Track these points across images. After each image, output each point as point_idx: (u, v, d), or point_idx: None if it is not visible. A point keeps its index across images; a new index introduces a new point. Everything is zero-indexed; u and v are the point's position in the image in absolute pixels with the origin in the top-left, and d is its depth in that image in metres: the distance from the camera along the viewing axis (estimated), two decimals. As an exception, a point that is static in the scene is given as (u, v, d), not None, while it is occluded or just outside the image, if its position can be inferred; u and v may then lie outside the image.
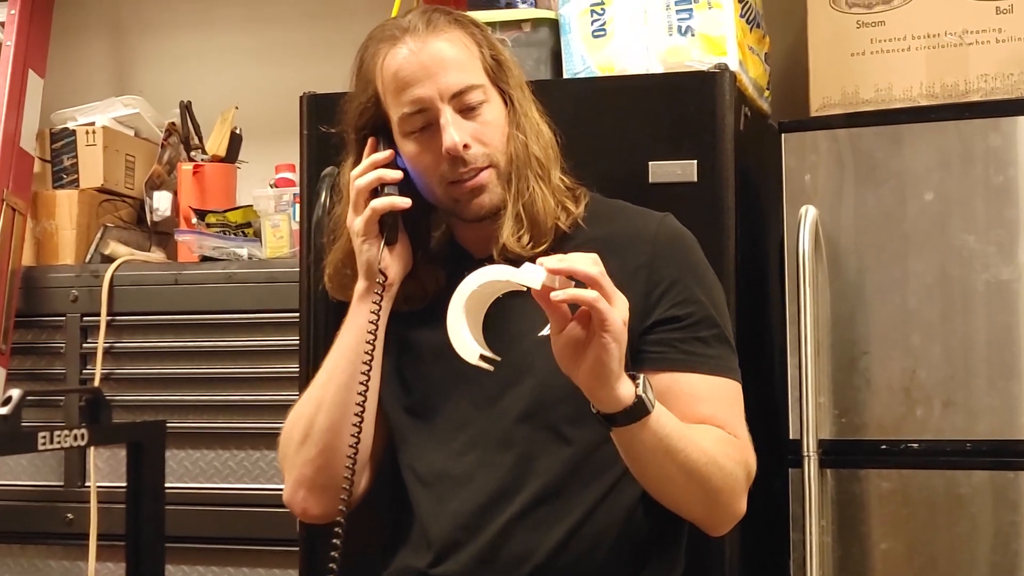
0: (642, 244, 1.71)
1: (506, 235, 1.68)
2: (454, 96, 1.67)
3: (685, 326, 1.67)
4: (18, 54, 3.14)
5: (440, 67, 1.67)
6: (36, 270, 3.08)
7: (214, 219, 3.01)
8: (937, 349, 2.23)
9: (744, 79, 2.33)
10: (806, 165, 2.32)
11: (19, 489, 2.99)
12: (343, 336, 1.74)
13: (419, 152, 1.70)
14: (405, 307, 1.75)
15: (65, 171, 3.22)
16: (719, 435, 1.64)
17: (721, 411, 1.66)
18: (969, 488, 2.20)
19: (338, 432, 1.69)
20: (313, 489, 1.73)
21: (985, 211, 2.22)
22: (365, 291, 1.72)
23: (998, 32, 2.41)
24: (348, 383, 1.70)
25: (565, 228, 1.72)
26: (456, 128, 1.66)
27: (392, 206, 1.69)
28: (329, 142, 2.31)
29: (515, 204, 1.69)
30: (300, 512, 1.76)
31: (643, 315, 1.66)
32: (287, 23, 3.45)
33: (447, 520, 1.67)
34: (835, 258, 2.29)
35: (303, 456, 1.73)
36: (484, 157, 1.68)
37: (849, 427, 2.27)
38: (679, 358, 1.66)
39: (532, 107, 1.76)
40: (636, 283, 1.67)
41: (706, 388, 1.66)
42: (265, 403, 2.82)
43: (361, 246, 1.71)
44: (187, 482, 2.87)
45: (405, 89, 1.68)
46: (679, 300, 1.68)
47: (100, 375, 2.92)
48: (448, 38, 1.69)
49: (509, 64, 1.75)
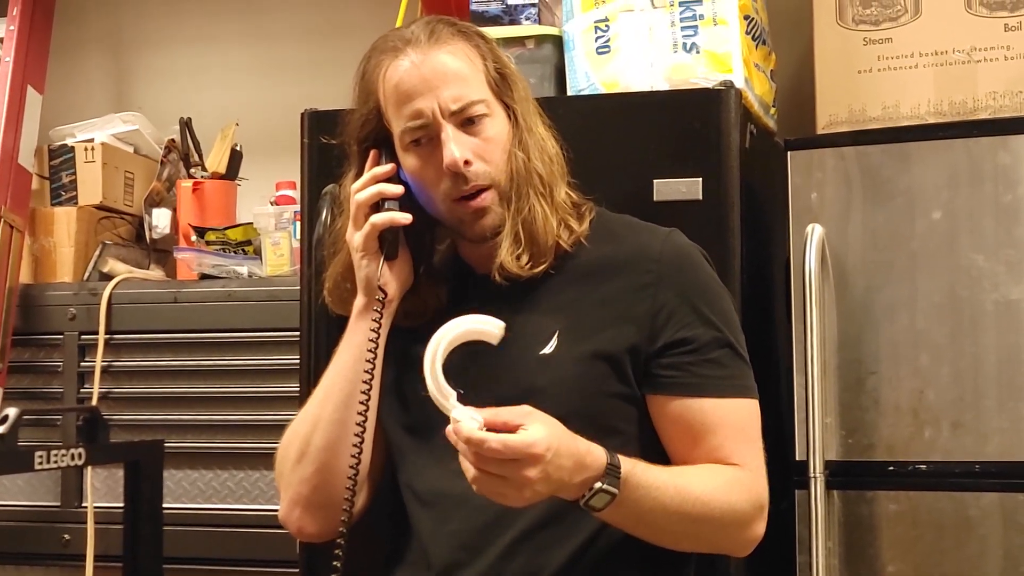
0: (647, 263, 1.69)
1: (504, 254, 1.66)
2: (455, 111, 1.66)
3: (695, 348, 1.65)
4: (17, 70, 3.14)
5: (442, 80, 1.65)
6: (34, 288, 3.07)
7: (214, 236, 3.01)
8: (946, 370, 2.21)
9: (750, 96, 2.32)
10: (812, 183, 2.30)
11: (15, 509, 2.98)
12: (341, 353, 1.73)
13: (421, 167, 1.68)
14: (405, 322, 1.74)
15: (63, 188, 3.21)
16: (721, 475, 1.63)
17: (729, 440, 1.65)
18: (978, 510, 2.18)
19: (335, 451, 1.68)
20: (309, 508, 1.72)
21: (994, 230, 2.20)
22: (364, 307, 1.71)
23: (1006, 49, 2.40)
24: (346, 401, 1.69)
25: (566, 247, 1.70)
26: (457, 144, 1.64)
27: (392, 222, 1.68)
28: (330, 159, 2.30)
29: (514, 223, 1.67)
30: (296, 531, 1.75)
31: (650, 337, 1.65)
32: (288, 40, 3.46)
33: (447, 541, 1.66)
34: (842, 277, 2.27)
35: (299, 475, 1.71)
36: (485, 175, 1.66)
37: (856, 448, 2.25)
38: (691, 382, 1.65)
39: (538, 122, 1.74)
40: (642, 303, 1.66)
41: (717, 415, 1.65)
42: (264, 423, 2.80)
43: (360, 261, 1.70)
44: (185, 502, 2.85)
45: (406, 102, 1.66)
46: (687, 322, 1.66)
47: (98, 394, 2.90)
48: (451, 50, 1.68)
49: (514, 77, 1.73)
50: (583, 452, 1.51)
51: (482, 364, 1.64)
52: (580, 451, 1.50)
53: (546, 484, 1.47)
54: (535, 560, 1.61)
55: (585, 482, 1.51)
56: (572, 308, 1.68)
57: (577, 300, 1.68)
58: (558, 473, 1.47)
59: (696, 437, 1.64)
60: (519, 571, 1.61)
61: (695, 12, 2.32)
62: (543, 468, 1.45)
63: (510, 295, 1.68)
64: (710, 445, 1.64)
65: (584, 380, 1.64)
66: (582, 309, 1.67)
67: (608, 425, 1.64)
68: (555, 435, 1.47)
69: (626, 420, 1.66)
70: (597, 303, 1.67)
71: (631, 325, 1.65)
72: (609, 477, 1.51)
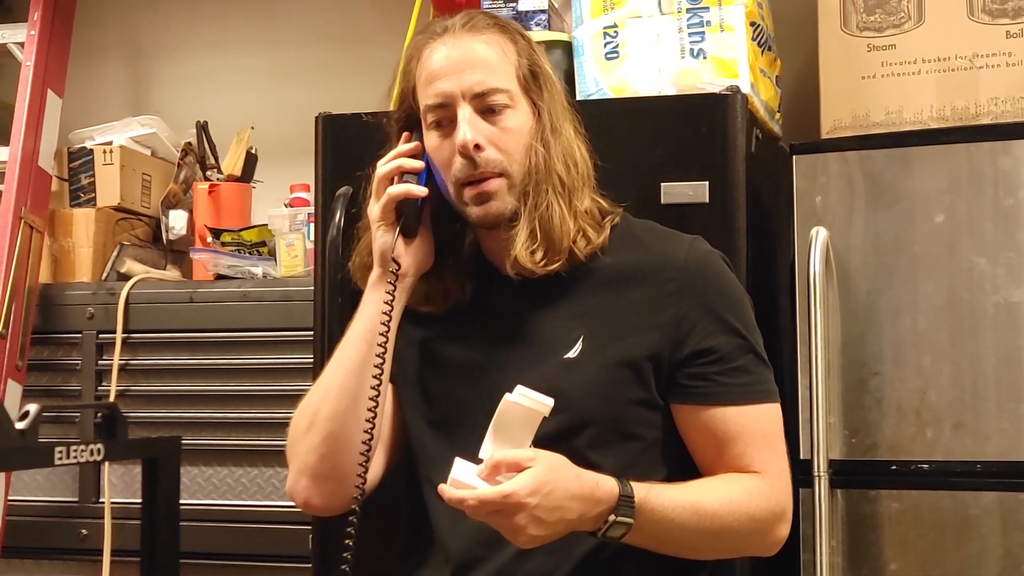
0: (672, 271, 1.68)
1: (519, 247, 1.65)
2: (476, 95, 1.66)
3: (720, 358, 1.65)
4: (37, 74, 3.17)
5: (468, 65, 1.66)
6: (53, 287, 3.10)
7: (229, 238, 3.03)
8: (947, 371, 2.23)
9: (755, 101, 2.34)
10: (817, 187, 2.32)
11: (34, 505, 3.01)
12: (354, 324, 1.71)
13: (437, 147, 1.69)
14: (425, 307, 1.74)
15: (82, 190, 3.24)
16: (739, 485, 1.64)
17: (751, 447, 1.65)
18: (979, 509, 2.20)
19: (344, 419, 1.66)
20: (316, 478, 1.68)
21: (995, 233, 2.22)
22: (378, 279, 1.70)
23: (1008, 56, 2.42)
24: (356, 370, 1.67)
25: (581, 256, 1.69)
26: (471, 127, 1.65)
27: (408, 193, 1.67)
28: (343, 162, 2.34)
29: (530, 217, 1.66)
30: (302, 503, 1.71)
31: (674, 345, 1.65)
32: (302, 44, 3.49)
33: (465, 536, 1.65)
34: (845, 279, 2.29)
35: (307, 444, 1.69)
36: (497, 163, 1.66)
37: (859, 448, 2.27)
38: (717, 392, 1.65)
39: (568, 125, 1.73)
40: (666, 311, 1.66)
41: (740, 423, 1.65)
42: (279, 420, 2.80)
43: (376, 232, 1.69)
44: (201, 498, 2.88)
45: (432, 82, 1.68)
46: (711, 330, 1.66)
47: (115, 392, 2.93)
48: (485, 40, 1.69)
49: (548, 78, 1.73)
50: (590, 488, 1.52)
51: (504, 366, 1.66)
52: (587, 489, 1.51)
53: (543, 527, 1.48)
54: (551, 559, 1.61)
55: (600, 515, 1.53)
56: (596, 313, 1.67)
57: (601, 306, 1.67)
58: (555, 515, 1.48)
59: (720, 445, 1.65)
60: (535, 570, 1.61)
61: (702, 19, 2.34)
62: (530, 514, 1.46)
63: (534, 297, 1.69)
64: (733, 453, 1.65)
65: (607, 386, 1.64)
66: (606, 315, 1.67)
67: (629, 431, 1.65)
68: (544, 479, 1.47)
69: (647, 426, 1.67)
70: (622, 309, 1.67)
71: (655, 332, 1.65)
72: (623, 508, 1.53)
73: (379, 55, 3.06)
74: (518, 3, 2.49)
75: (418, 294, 1.73)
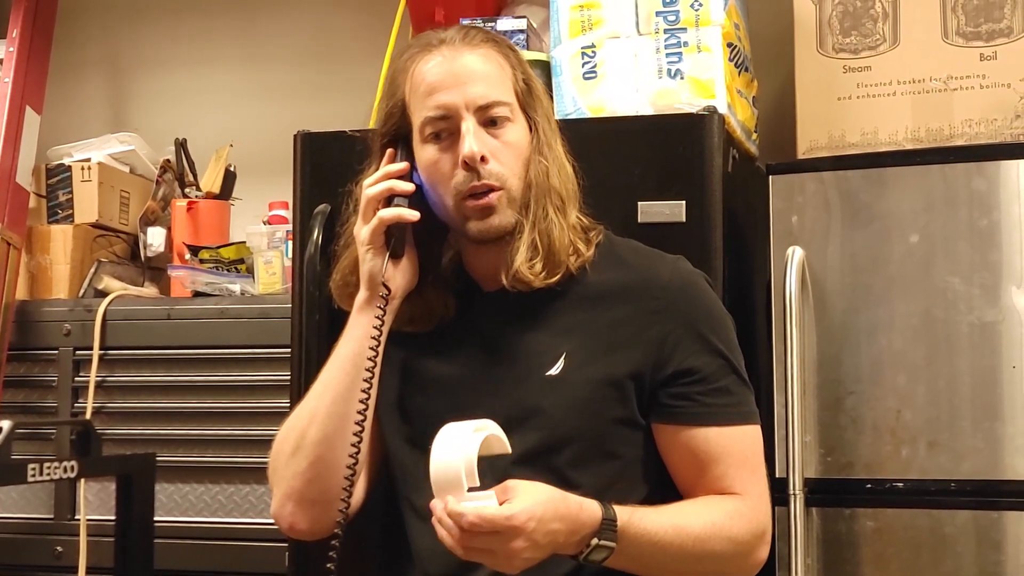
0: (655, 290, 1.68)
1: (520, 261, 1.64)
2: (480, 108, 1.66)
3: (702, 378, 1.65)
4: (16, 91, 3.16)
5: (470, 78, 1.66)
6: (30, 304, 3.08)
7: (207, 255, 3.02)
8: (922, 390, 2.24)
9: (732, 122, 2.35)
10: (793, 207, 2.33)
11: (9, 522, 2.99)
12: (340, 347, 1.70)
13: (436, 160, 1.67)
14: (409, 327, 1.73)
15: (60, 206, 3.23)
16: (720, 508, 1.64)
17: (732, 469, 1.66)
18: (953, 528, 2.21)
19: (331, 444, 1.65)
20: (302, 503, 1.68)
21: (969, 254, 2.23)
22: (365, 302, 1.69)
23: (982, 78, 2.45)
24: (344, 395, 1.66)
25: (572, 270, 1.69)
26: (477, 138, 1.64)
27: (400, 218, 1.66)
28: (322, 180, 2.34)
29: (532, 230, 1.65)
30: (288, 527, 1.70)
31: (657, 365, 1.65)
32: (282, 63, 3.49)
33: (445, 556, 1.60)
34: (821, 299, 2.30)
35: (293, 468, 1.68)
36: (498, 176, 1.65)
37: (835, 466, 2.28)
38: (699, 412, 1.65)
39: (557, 141, 1.74)
40: (649, 329, 1.66)
41: (722, 444, 1.65)
42: (256, 438, 2.81)
43: (365, 255, 1.68)
44: (176, 515, 2.86)
45: (432, 94, 1.66)
46: (694, 350, 1.66)
47: (92, 408, 2.92)
48: (483, 53, 1.69)
49: (540, 92, 1.74)
50: (575, 512, 1.52)
51: (485, 383, 1.66)
52: (572, 511, 1.51)
53: (536, 551, 1.48)
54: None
55: (583, 539, 1.52)
56: (579, 331, 1.67)
57: (584, 323, 1.67)
58: (548, 538, 1.48)
59: (701, 466, 1.65)
60: None
61: (680, 39, 2.36)
62: (528, 537, 1.46)
63: (517, 313, 1.69)
64: (713, 474, 1.65)
65: (589, 404, 1.64)
66: (589, 332, 1.67)
67: (610, 450, 1.65)
68: (540, 503, 1.47)
69: (628, 445, 1.66)
70: (604, 327, 1.67)
71: (638, 351, 1.65)
72: (606, 532, 1.52)
73: (358, 74, 3.08)
74: (496, 23, 2.49)
75: (402, 315, 1.72)
